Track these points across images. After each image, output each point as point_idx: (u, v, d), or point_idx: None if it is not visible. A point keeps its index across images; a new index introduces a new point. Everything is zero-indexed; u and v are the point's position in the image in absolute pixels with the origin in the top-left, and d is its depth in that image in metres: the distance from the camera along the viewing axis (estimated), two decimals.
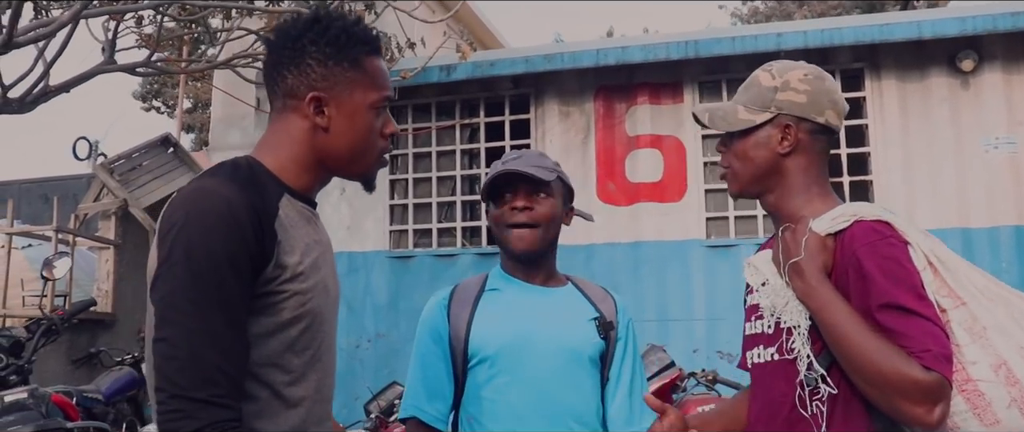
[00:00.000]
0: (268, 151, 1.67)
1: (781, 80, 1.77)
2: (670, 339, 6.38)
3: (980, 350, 1.56)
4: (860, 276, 1.59)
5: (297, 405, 1.56)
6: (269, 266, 1.51)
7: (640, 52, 6.61)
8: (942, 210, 6.30)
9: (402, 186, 7.52)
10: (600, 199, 6.94)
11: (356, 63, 1.65)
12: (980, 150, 6.32)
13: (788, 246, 1.70)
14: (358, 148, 1.67)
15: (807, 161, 1.77)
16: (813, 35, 6.29)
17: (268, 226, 1.52)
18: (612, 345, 2.26)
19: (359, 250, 7.41)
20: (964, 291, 1.61)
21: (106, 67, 6.49)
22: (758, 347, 1.80)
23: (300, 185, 1.66)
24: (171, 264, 1.44)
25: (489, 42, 13.25)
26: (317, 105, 1.63)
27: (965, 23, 6.07)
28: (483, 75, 7.02)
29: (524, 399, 2.14)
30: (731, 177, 1.84)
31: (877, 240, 1.61)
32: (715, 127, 1.83)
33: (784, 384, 1.70)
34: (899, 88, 6.49)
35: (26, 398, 3.88)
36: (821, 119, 1.76)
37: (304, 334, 1.57)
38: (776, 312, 1.73)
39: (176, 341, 1.41)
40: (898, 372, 1.49)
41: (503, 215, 2.20)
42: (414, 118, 7.51)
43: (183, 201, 1.50)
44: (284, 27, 1.68)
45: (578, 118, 7.11)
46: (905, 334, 1.52)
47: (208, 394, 1.39)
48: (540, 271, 2.27)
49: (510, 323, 2.19)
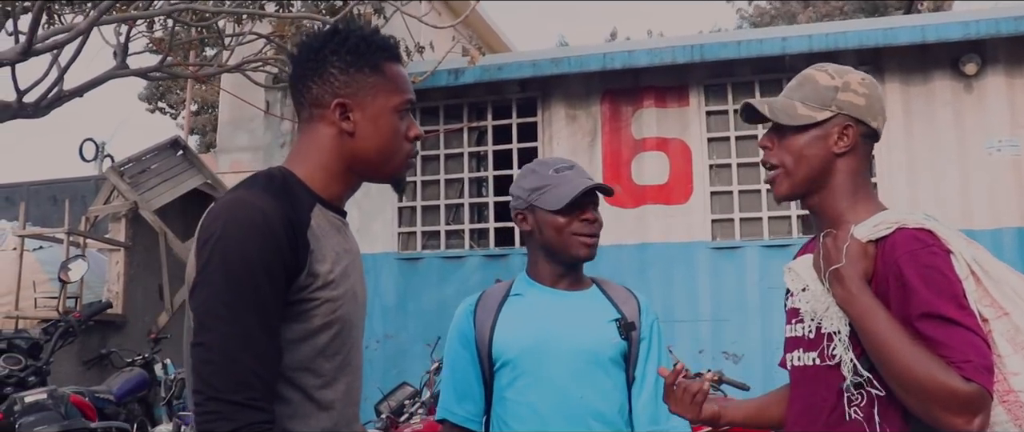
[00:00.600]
0: (299, 161, 1.73)
1: (842, 81, 1.78)
2: (676, 340, 6.44)
3: (1022, 361, 1.58)
4: (901, 284, 1.59)
5: (329, 408, 1.63)
6: (302, 274, 1.57)
7: (646, 56, 6.67)
8: (945, 212, 6.34)
9: (410, 188, 7.58)
10: (606, 201, 6.98)
11: (377, 69, 1.72)
12: (983, 152, 6.37)
13: (829, 252, 1.70)
14: (385, 150, 1.73)
15: (857, 164, 1.78)
16: (818, 39, 6.35)
17: (301, 236, 1.58)
18: (635, 345, 2.32)
19: (368, 252, 7.46)
20: (1007, 301, 1.61)
21: (118, 72, 6.58)
22: (798, 350, 1.82)
23: (330, 194, 1.72)
24: (209, 272, 1.51)
25: (495, 45, 13.32)
26: (342, 111, 1.69)
27: (968, 27, 6.12)
28: (491, 79, 7.09)
29: (545, 400, 2.22)
30: (782, 175, 1.82)
31: (919, 248, 1.61)
32: (776, 118, 1.81)
33: (824, 389, 1.72)
34: (903, 91, 6.54)
35: (46, 399, 3.95)
36: (875, 123, 1.78)
37: (335, 340, 1.64)
38: (817, 318, 1.73)
39: (213, 345, 1.47)
40: (937, 382, 1.50)
41: (571, 224, 2.26)
42: (422, 121, 7.56)
43: (221, 211, 1.57)
44: (305, 41, 1.76)
45: (585, 121, 7.17)
46: (945, 344, 1.52)
47: (243, 397, 1.45)
48: (573, 275, 2.35)
49: (531, 327, 2.27)
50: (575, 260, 2.32)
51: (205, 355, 1.48)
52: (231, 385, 1.46)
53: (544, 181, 2.32)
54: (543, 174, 2.34)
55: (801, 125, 1.77)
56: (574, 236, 2.28)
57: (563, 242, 2.29)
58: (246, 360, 1.47)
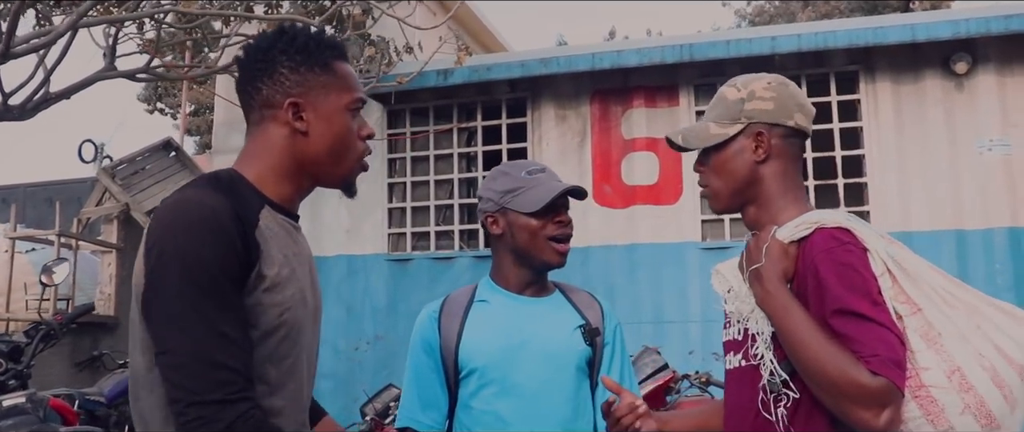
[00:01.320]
0: (248, 163, 1.70)
1: (747, 91, 1.81)
2: (666, 341, 6.41)
3: (934, 356, 1.58)
4: (817, 282, 1.62)
5: (277, 415, 1.59)
6: (251, 275, 1.54)
7: (635, 55, 6.65)
8: (936, 212, 6.32)
9: (400, 189, 7.56)
10: (596, 202, 6.98)
11: (327, 67, 1.69)
12: (974, 152, 6.34)
13: (751, 253, 1.74)
14: (339, 150, 1.70)
15: (782, 167, 1.80)
16: (807, 38, 6.32)
17: (251, 235, 1.55)
18: (599, 351, 2.31)
19: (358, 253, 7.47)
20: (922, 298, 1.63)
21: (106, 74, 6.56)
22: (730, 353, 1.84)
23: (281, 196, 1.69)
24: (163, 276, 1.47)
25: (490, 44, 13.28)
26: (295, 110, 1.66)
27: (958, 26, 6.09)
28: (480, 79, 7.06)
29: (511, 409, 2.20)
30: (713, 195, 1.87)
31: (835, 246, 1.63)
32: (690, 145, 1.86)
33: (750, 390, 1.73)
34: (893, 90, 6.51)
35: (24, 402, 3.93)
36: (791, 122, 1.80)
37: (281, 344, 1.60)
38: (742, 318, 1.76)
39: (181, 349, 1.44)
40: (846, 376, 1.52)
41: (546, 228, 2.25)
42: (412, 122, 7.56)
43: (168, 213, 1.53)
44: (252, 43, 1.73)
45: (574, 121, 7.15)
46: (856, 339, 1.54)
47: (224, 394, 1.42)
48: (539, 282, 2.34)
49: (498, 335, 2.24)
50: (546, 266, 2.30)
51: (174, 360, 1.44)
52: (209, 385, 1.42)
53: (517, 183, 2.30)
54: (515, 176, 2.32)
55: (718, 144, 1.82)
56: (548, 241, 2.25)
57: (536, 246, 2.26)
58: (218, 356, 1.44)
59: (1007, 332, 1.62)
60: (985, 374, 1.57)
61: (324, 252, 7.53)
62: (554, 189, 2.26)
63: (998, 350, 1.59)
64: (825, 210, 1.76)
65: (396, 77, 6.68)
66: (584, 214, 6.94)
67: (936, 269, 1.70)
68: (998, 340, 1.61)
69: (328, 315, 7.40)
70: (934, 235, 6.27)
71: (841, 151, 6.53)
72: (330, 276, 7.44)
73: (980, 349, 1.59)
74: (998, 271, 6.17)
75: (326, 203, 7.61)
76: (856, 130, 6.58)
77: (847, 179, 6.50)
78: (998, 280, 6.14)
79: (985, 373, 1.57)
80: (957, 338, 1.60)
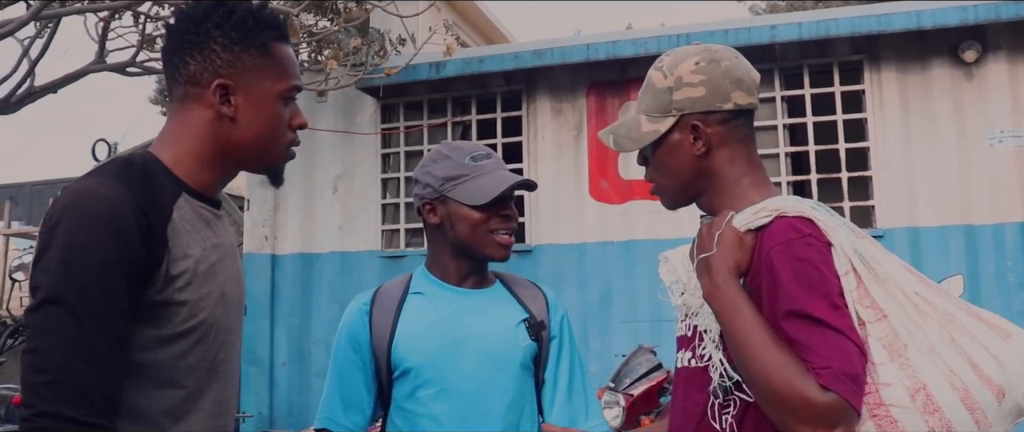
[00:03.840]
0: (167, 145, 1.56)
1: (674, 78, 1.59)
2: (664, 340, 6.22)
3: (898, 371, 1.37)
4: (771, 279, 1.42)
5: (192, 423, 1.47)
6: (157, 274, 1.41)
7: (630, 46, 6.46)
8: (945, 207, 6.09)
9: (394, 185, 7.43)
10: (593, 197, 6.80)
11: (264, 49, 1.55)
12: (984, 144, 6.09)
13: (702, 240, 1.53)
14: (266, 139, 1.57)
15: (730, 153, 1.59)
16: (808, 27, 6.11)
17: (158, 230, 1.42)
18: (545, 346, 2.15)
19: (351, 250, 7.33)
20: (889, 302, 1.41)
21: (95, 67, 6.47)
22: (680, 350, 1.65)
23: (200, 182, 1.56)
24: (47, 271, 1.35)
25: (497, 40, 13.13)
26: (223, 93, 1.53)
27: (966, 12, 5.85)
28: (474, 72, 6.91)
29: (450, 411, 2.04)
30: (660, 194, 1.69)
31: (794, 238, 1.42)
32: (622, 149, 1.67)
33: (697, 392, 1.55)
34: (899, 80, 6.28)
35: None
36: (729, 105, 1.58)
37: (198, 346, 1.48)
38: (691, 313, 1.58)
39: (48, 352, 1.30)
40: (790, 388, 1.32)
41: (489, 221, 2.08)
42: (405, 116, 7.41)
43: (64, 203, 1.40)
44: (186, 11, 1.58)
45: (570, 115, 6.97)
46: (808, 347, 1.34)
47: (81, 412, 1.29)
48: (480, 273, 2.18)
49: (434, 332, 2.08)
50: (489, 260, 2.14)
51: (38, 362, 1.31)
52: (67, 397, 1.29)
53: (460, 170, 2.11)
54: (458, 161, 2.13)
55: (655, 141, 1.62)
56: (490, 235, 2.09)
57: (478, 240, 2.09)
58: (86, 370, 1.30)
59: (987, 346, 1.40)
60: (955, 394, 1.36)
61: (317, 249, 7.41)
62: (503, 181, 2.09)
63: (973, 366, 1.38)
64: (790, 197, 1.54)
65: (384, 69, 6.53)
66: (580, 210, 6.78)
67: (911, 270, 1.49)
68: (975, 355, 1.39)
69: (322, 312, 7.31)
70: (942, 231, 6.04)
71: (845, 144, 6.30)
72: (323, 273, 7.32)
73: (952, 365, 1.37)
74: (1010, 268, 5.93)
75: (319, 199, 7.50)
76: (861, 122, 6.36)
77: (851, 173, 6.27)
78: (1010, 277, 5.91)
79: (955, 393, 1.36)
80: (926, 351, 1.38)
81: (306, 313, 7.35)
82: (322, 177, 7.46)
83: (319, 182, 7.47)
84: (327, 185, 7.48)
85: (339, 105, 7.42)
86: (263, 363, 7.35)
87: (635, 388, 5.14)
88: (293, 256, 7.45)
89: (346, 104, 7.43)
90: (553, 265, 6.67)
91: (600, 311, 6.65)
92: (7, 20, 5.25)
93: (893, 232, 6.09)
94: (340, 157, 7.43)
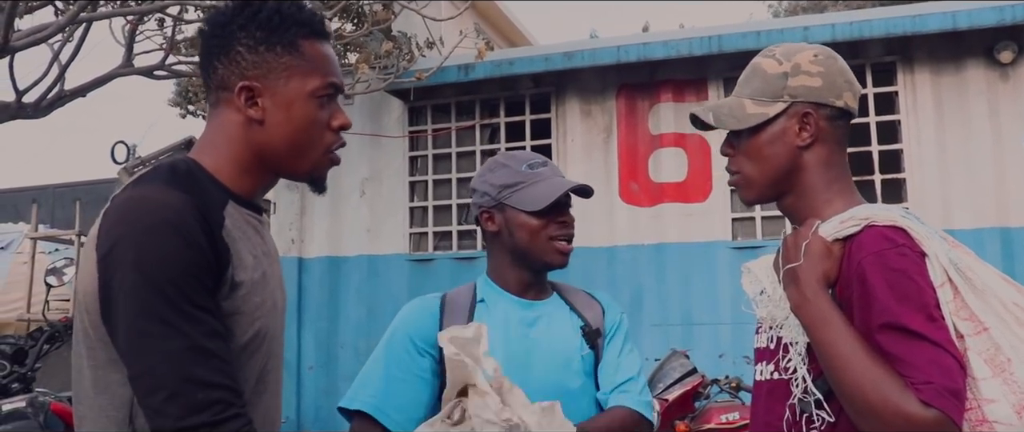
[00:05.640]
0: (206, 152, 1.52)
1: (790, 64, 1.56)
2: (695, 344, 6.19)
3: (1002, 386, 1.33)
4: (863, 290, 1.37)
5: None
6: (225, 279, 1.38)
7: (662, 48, 6.42)
8: (980, 209, 6.02)
9: (422, 188, 7.40)
10: (623, 200, 6.77)
11: (292, 47, 1.50)
12: (1020, 146, 6.02)
13: (788, 250, 1.49)
14: (299, 142, 1.51)
15: (828, 152, 1.57)
16: (842, 28, 6.05)
17: (218, 236, 1.38)
18: (600, 353, 2.16)
19: (379, 253, 7.32)
20: (989, 314, 1.37)
21: (122, 70, 6.47)
22: (762, 362, 1.62)
23: (243, 189, 1.52)
24: (124, 289, 1.29)
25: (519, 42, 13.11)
26: (248, 96, 1.48)
27: (1003, 12, 5.78)
28: (503, 74, 6.88)
29: None
30: (744, 183, 1.62)
31: (887, 248, 1.38)
32: (723, 125, 1.61)
33: (780, 406, 1.51)
34: (933, 82, 6.22)
35: (25, 407, 3.82)
36: (840, 102, 1.55)
37: (253, 357, 1.44)
38: (775, 325, 1.54)
39: (156, 370, 1.27)
40: (889, 405, 1.27)
41: (548, 228, 2.09)
42: (433, 119, 7.39)
43: (121, 214, 1.35)
44: (215, 15, 1.54)
45: (600, 117, 6.94)
46: (906, 361, 1.29)
47: (211, 415, 1.26)
48: (540, 283, 2.17)
49: (504, 340, 2.06)
50: (548, 267, 2.13)
51: (150, 383, 1.27)
52: (193, 407, 1.26)
53: (517, 177, 2.12)
54: (515, 169, 2.13)
55: (755, 125, 1.57)
56: (550, 241, 2.08)
57: (538, 247, 2.09)
58: (200, 373, 1.27)
59: None
60: None
61: (345, 252, 7.39)
62: (559, 187, 2.08)
63: None
64: (879, 205, 1.51)
65: (414, 73, 6.51)
66: (610, 213, 6.74)
67: (1008, 280, 1.44)
68: None
69: (349, 316, 7.29)
70: (977, 233, 5.97)
71: (878, 146, 6.24)
72: (351, 277, 7.30)
73: None
74: None
75: (347, 202, 7.48)
76: (894, 124, 6.30)
77: (884, 175, 6.21)
78: None
79: None
80: None
81: (333, 317, 7.33)
82: (349, 180, 7.44)
83: (346, 185, 7.45)
84: (354, 188, 7.46)
85: (366, 107, 7.40)
86: (290, 367, 7.34)
87: (670, 393, 5.10)
88: (320, 259, 7.44)
89: (373, 107, 7.41)
90: (583, 268, 6.62)
91: (631, 315, 6.56)
92: (41, 25, 5.27)
93: None
94: (367, 160, 7.42)
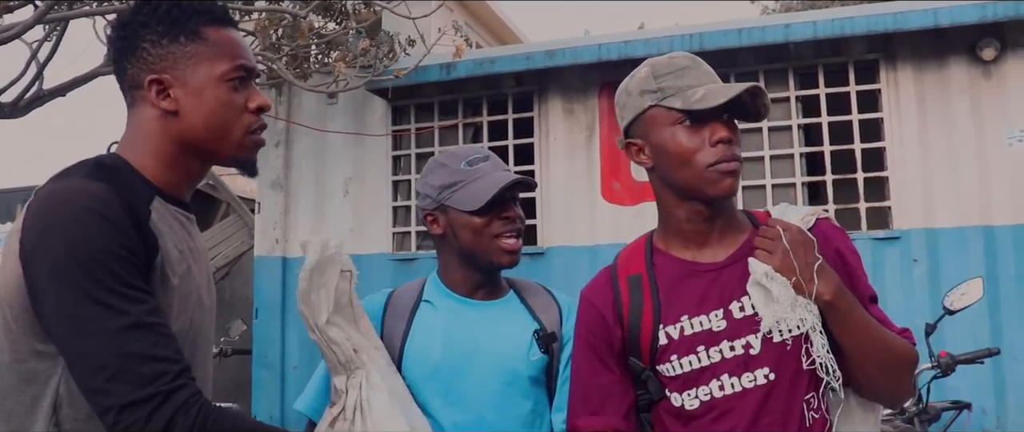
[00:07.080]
0: (129, 149, 1.53)
1: None
2: None
3: None
4: (847, 272, 1.65)
5: None
6: (154, 267, 1.37)
7: (643, 46, 6.38)
8: (963, 207, 5.99)
9: (405, 187, 7.38)
10: (605, 198, 6.73)
11: (195, 35, 1.52)
12: (1003, 143, 5.98)
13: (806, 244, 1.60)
14: (215, 126, 1.52)
15: None
16: (823, 25, 6.02)
17: (145, 226, 1.38)
18: (556, 357, 2.09)
19: (363, 253, 7.28)
20: None
21: (102, 70, 6.44)
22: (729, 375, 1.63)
23: (168, 184, 1.53)
24: (55, 275, 1.29)
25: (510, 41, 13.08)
26: (160, 89, 1.50)
27: (985, 9, 5.75)
28: (485, 73, 6.85)
29: (464, 422, 1.99)
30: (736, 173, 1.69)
31: (846, 236, 1.72)
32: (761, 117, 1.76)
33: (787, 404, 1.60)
34: (916, 79, 6.18)
35: None
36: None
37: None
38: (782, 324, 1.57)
39: (94, 351, 1.26)
40: (909, 352, 1.65)
41: (490, 225, 2.04)
42: (416, 118, 7.37)
43: (46, 206, 1.35)
44: (117, 19, 1.58)
45: (582, 115, 6.91)
46: (886, 320, 1.66)
47: (157, 388, 1.26)
48: (491, 283, 2.13)
49: (443, 344, 2.03)
50: (495, 267, 2.09)
51: (90, 365, 1.27)
52: (138, 381, 1.25)
53: (456, 177, 2.08)
54: (453, 168, 2.10)
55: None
56: (494, 240, 2.04)
57: (482, 247, 2.05)
58: (142, 348, 1.27)
59: None
60: None
61: None
62: (497, 182, 2.04)
63: None
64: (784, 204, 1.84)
65: (392, 71, 6.48)
66: (593, 211, 6.71)
67: None
68: None
69: None
70: (960, 231, 5.94)
71: (861, 144, 6.21)
72: None
73: None
74: None
75: (330, 202, 7.46)
76: (877, 122, 6.27)
77: (867, 173, 6.18)
78: None
79: None
80: None
81: None
82: (332, 179, 7.42)
83: (329, 184, 7.43)
84: (337, 187, 7.44)
85: (349, 107, 7.38)
86: (274, 367, 7.31)
87: None
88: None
89: (356, 106, 7.39)
90: (565, 267, 6.60)
91: None
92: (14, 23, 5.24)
93: (910, 233, 5.99)
94: (351, 159, 7.39)
